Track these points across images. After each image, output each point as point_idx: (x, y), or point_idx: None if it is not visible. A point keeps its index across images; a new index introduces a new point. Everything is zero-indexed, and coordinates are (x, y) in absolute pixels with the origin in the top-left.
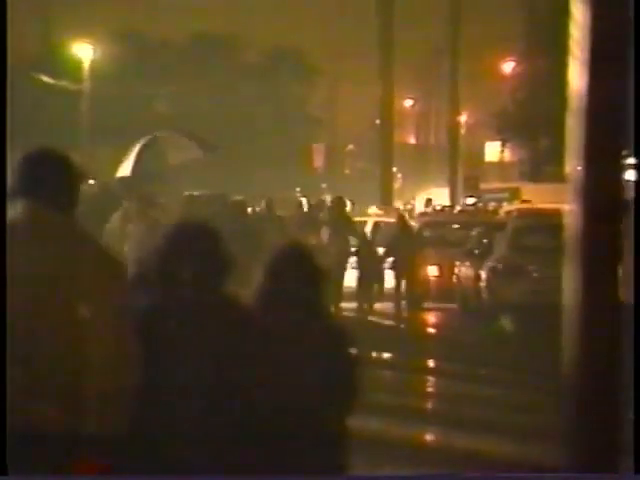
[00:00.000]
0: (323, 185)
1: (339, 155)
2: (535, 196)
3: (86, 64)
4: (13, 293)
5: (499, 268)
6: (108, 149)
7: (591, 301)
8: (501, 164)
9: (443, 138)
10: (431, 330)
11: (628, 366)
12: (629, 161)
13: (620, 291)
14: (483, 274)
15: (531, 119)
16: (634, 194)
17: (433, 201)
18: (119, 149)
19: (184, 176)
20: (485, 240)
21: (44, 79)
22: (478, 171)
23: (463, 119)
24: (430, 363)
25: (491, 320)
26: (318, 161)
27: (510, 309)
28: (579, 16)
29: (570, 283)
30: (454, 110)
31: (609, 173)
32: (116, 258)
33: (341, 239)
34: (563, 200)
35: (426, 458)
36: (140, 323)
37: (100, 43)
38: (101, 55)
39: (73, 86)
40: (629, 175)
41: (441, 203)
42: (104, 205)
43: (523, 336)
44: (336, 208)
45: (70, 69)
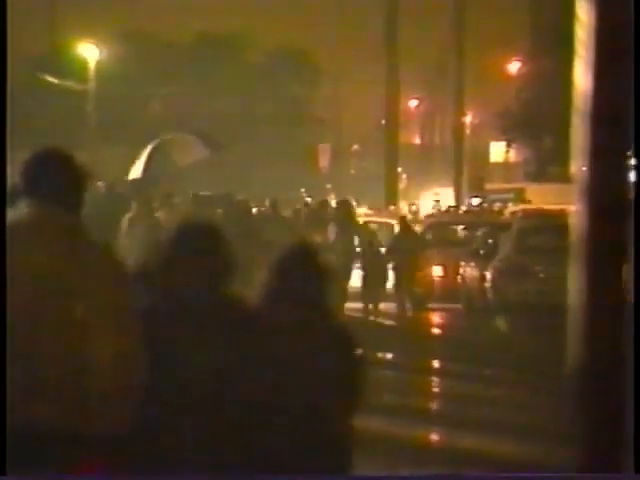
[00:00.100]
0: (328, 185)
1: (344, 155)
2: (540, 196)
3: (91, 64)
4: (16, 293)
5: (504, 268)
6: (113, 149)
7: (596, 301)
8: (506, 164)
9: (448, 138)
10: (436, 330)
11: (629, 366)
12: (633, 161)
13: (625, 291)
14: (488, 274)
15: (536, 119)
16: (634, 194)
17: (440, 202)
18: (123, 149)
19: (189, 176)
20: (490, 240)
21: (49, 79)
22: (483, 171)
23: (468, 119)
24: (435, 363)
25: (496, 320)
26: (323, 161)
27: (515, 309)
28: (584, 16)
29: (575, 283)
30: (459, 110)
31: (614, 173)
32: (120, 258)
33: (347, 239)
34: (568, 200)
35: (431, 458)
36: (144, 323)
37: (105, 43)
38: (106, 55)
39: (78, 86)
40: (633, 175)
41: (447, 203)
42: (112, 206)
43: (527, 336)
44: (342, 209)
45: (75, 69)
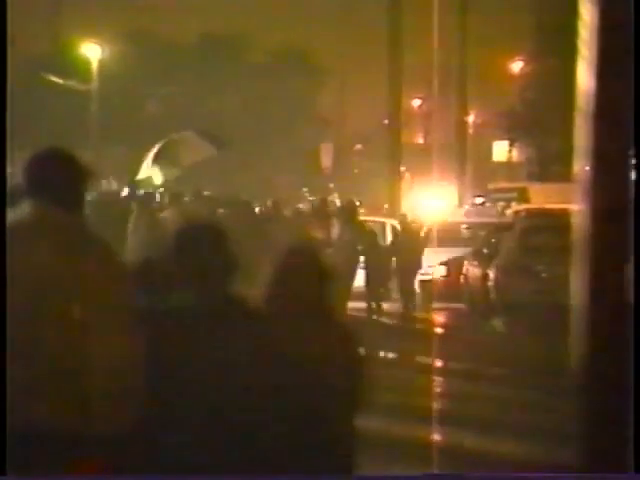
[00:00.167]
0: (331, 185)
1: (347, 155)
2: (543, 196)
3: (95, 64)
4: (18, 292)
5: (507, 268)
6: (115, 148)
7: (598, 301)
8: (509, 164)
9: (451, 138)
10: (439, 330)
11: (630, 366)
12: (634, 161)
13: (627, 291)
14: (491, 274)
15: (539, 119)
16: (634, 194)
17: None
18: (126, 148)
19: (190, 176)
20: (493, 240)
21: (52, 79)
22: (486, 171)
23: (471, 119)
24: (438, 362)
25: (499, 319)
26: (326, 161)
27: (517, 309)
28: (587, 16)
29: (577, 282)
30: (462, 110)
31: (617, 173)
32: (122, 258)
33: (351, 240)
34: (571, 200)
35: (434, 458)
36: (146, 323)
37: (108, 43)
38: (109, 55)
39: (81, 86)
40: (634, 175)
41: (450, 203)
42: (116, 206)
43: (530, 335)
44: (346, 209)
45: (79, 69)
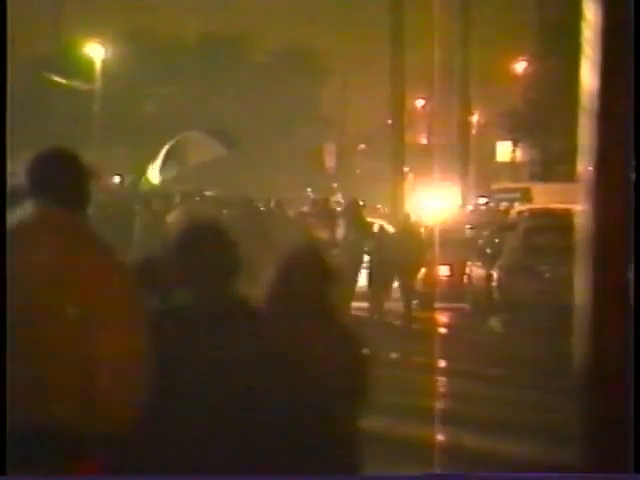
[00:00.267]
0: (334, 185)
1: (350, 155)
2: (546, 196)
3: (97, 64)
4: (20, 292)
5: (510, 268)
6: (118, 148)
7: (601, 301)
8: (512, 164)
9: (454, 138)
10: (443, 330)
11: (631, 366)
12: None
13: (630, 291)
14: (494, 274)
15: (543, 119)
16: (634, 194)
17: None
18: (129, 148)
19: (194, 176)
20: (497, 240)
21: (55, 79)
22: (489, 171)
23: (475, 119)
24: (441, 362)
25: (502, 320)
26: (329, 161)
27: (521, 309)
28: (590, 15)
29: (581, 283)
30: (465, 110)
31: (620, 173)
32: (124, 258)
33: (355, 240)
34: (574, 200)
35: (438, 458)
36: (149, 323)
37: (111, 43)
38: (112, 55)
39: (84, 86)
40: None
41: (453, 203)
42: (120, 206)
43: (533, 335)
44: (350, 209)
45: (82, 69)
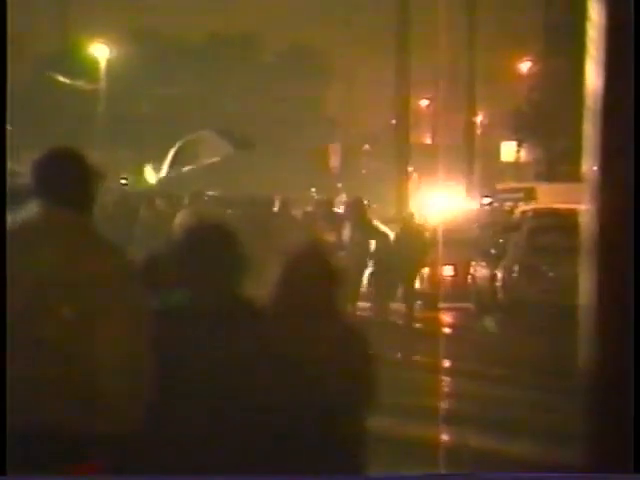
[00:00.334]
0: (339, 185)
1: (355, 155)
2: (551, 196)
3: (102, 64)
4: (25, 292)
5: (515, 268)
6: (124, 149)
7: (605, 301)
8: (517, 164)
9: (459, 138)
10: (447, 330)
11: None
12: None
13: (635, 291)
14: (499, 274)
15: (547, 119)
16: (634, 194)
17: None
18: (133, 148)
19: (199, 176)
20: (501, 240)
21: (61, 79)
22: (494, 171)
23: (479, 119)
24: (445, 362)
25: (506, 319)
26: (334, 161)
27: (526, 308)
28: (595, 15)
29: (585, 283)
30: (470, 110)
31: (625, 173)
32: (129, 258)
33: (360, 240)
34: (579, 200)
35: (441, 458)
36: (154, 322)
37: (116, 43)
38: (117, 55)
39: (89, 86)
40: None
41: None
42: (125, 206)
43: (537, 335)
44: (354, 209)
45: (87, 69)
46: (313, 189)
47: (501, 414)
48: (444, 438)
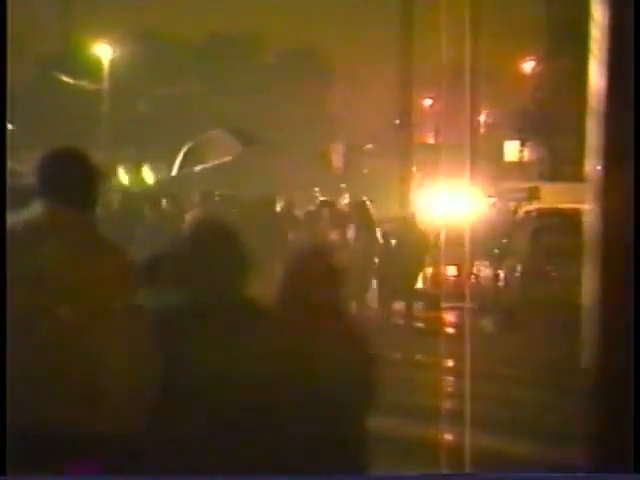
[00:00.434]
0: (342, 185)
1: (358, 155)
2: (554, 196)
3: (106, 64)
4: (27, 291)
5: (518, 268)
6: (128, 149)
7: (609, 301)
8: (520, 163)
9: (462, 137)
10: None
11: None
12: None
13: (635, 291)
14: (502, 274)
15: (551, 118)
16: (634, 193)
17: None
18: (137, 148)
19: (200, 176)
20: (504, 240)
21: (64, 79)
22: (497, 171)
23: (482, 118)
24: (449, 362)
25: (509, 319)
26: (337, 161)
27: (529, 309)
28: (599, 15)
29: (589, 283)
30: (473, 109)
31: (628, 173)
32: (132, 257)
33: (363, 240)
34: (582, 200)
35: (444, 458)
36: (157, 323)
37: (119, 43)
38: (120, 55)
39: (93, 86)
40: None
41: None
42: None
43: (539, 335)
44: (357, 210)
45: (90, 69)
46: (316, 189)
47: (500, 414)
48: (444, 438)
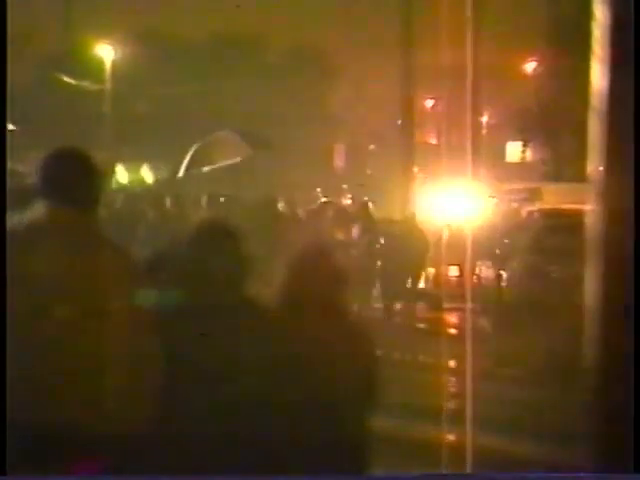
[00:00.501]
0: (344, 185)
1: (360, 155)
2: (557, 196)
3: (108, 64)
4: (29, 291)
5: (520, 268)
6: (130, 149)
7: (611, 301)
8: (522, 164)
9: (464, 138)
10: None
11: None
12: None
13: (635, 292)
14: (504, 274)
15: (553, 119)
16: (634, 194)
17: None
18: (140, 149)
19: (205, 175)
20: (506, 240)
21: (67, 79)
22: (499, 171)
23: (485, 119)
24: (451, 363)
25: (511, 320)
26: (339, 161)
27: (531, 309)
28: (602, 15)
29: (591, 283)
30: (476, 110)
31: (631, 173)
32: (134, 258)
33: (366, 240)
34: (584, 200)
35: (446, 458)
36: (159, 322)
37: (122, 43)
38: (123, 55)
39: (95, 86)
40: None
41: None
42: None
43: (541, 335)
44: (361, 209)
45: (93, 69)
46: (318, 189)
47: (500, 414)
48: (445, 438)
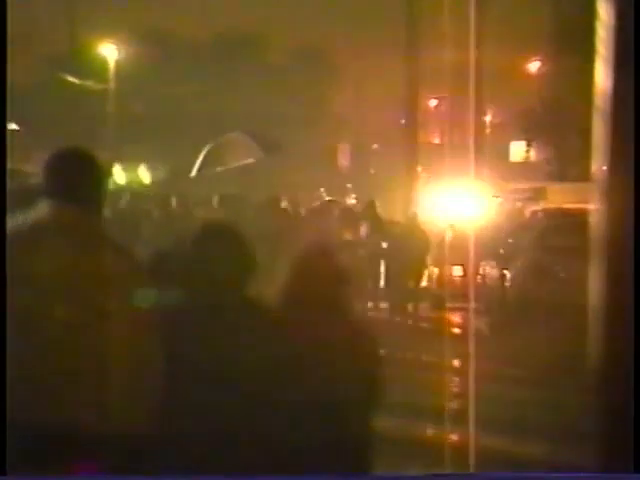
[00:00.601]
0: (348, 185)
1: (364, 155)
2: (561, 196)
3: (112, 64)
4: (32, 291)
5: (524, 268)
6: (133, 149)
7: (615, 301)
8: (526, 164)
9: (468, 137)
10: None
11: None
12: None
13: (635, 292)
14: (508, 274)
15: (557, 119)
16: (634, 194)
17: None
18: (143, 149)
19: (209, 175)
20: (510, 240)
21: (71, 79)
22: (503, 171)
23: (488, 119)
24: (454, 362)
25: (515, 320)
26: (343, 161)
27: (535, 309)
28: (605, 15)
29: (596, 283)
30: (479, 109)
31: (634, 173)
32: (138, 257)
33: (370, 239)
34: (588, 200)
35: (449, 458)
36: (161, 322)
37: (126, 43)
38: (127, 55)
39: (99, 86)
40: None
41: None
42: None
43: (545, 335)
44: (365, 209)
45: (96, 68)
46: (322, 189)
47: (500, 414)
48: (448, 438)
